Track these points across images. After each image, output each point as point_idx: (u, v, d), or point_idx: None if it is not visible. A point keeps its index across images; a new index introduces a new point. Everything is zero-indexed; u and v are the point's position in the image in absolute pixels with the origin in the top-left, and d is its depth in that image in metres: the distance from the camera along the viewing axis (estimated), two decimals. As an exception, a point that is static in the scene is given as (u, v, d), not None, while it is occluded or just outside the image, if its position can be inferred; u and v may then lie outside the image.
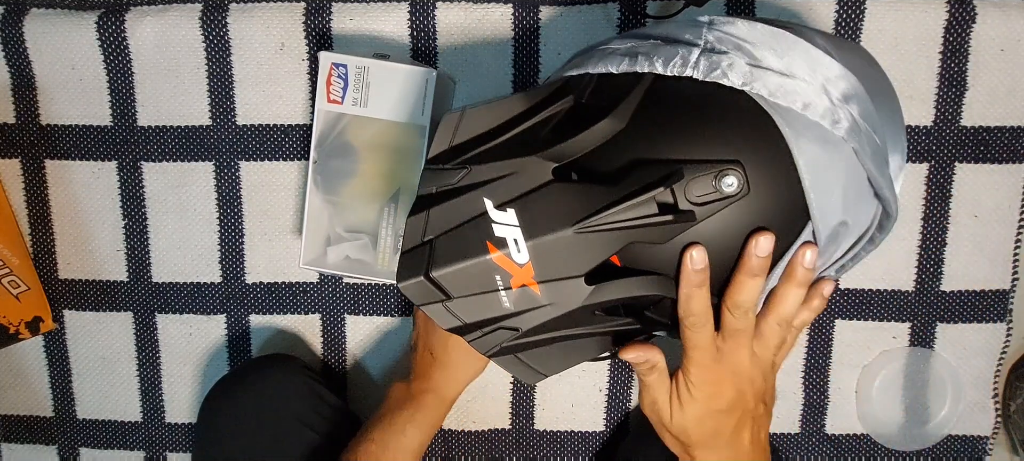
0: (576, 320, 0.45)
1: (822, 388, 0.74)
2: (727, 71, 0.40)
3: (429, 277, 0.44)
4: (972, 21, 0.66)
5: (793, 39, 0.41)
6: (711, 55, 0.41)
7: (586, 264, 0.43)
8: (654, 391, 0.49)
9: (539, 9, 0.68)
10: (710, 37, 0.42)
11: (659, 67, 0.42)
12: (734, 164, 0.40)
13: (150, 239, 0.75)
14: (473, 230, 0.43)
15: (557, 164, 0.43)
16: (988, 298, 0.71)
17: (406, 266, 0.45)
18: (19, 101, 0.73)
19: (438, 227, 0.44)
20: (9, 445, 0.80)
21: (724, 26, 0.42)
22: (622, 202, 0.41)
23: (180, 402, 0.78)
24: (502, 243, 0.43)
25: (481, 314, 0.45)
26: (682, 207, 0.41)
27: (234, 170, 0.73)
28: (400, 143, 0.63)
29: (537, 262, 0.43)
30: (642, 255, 0.43)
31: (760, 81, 0.40)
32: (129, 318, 0.76)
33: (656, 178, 0.41)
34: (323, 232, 0.65)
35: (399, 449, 0.61)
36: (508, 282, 0.44)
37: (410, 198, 0.63)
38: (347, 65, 0.62)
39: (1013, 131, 0.68)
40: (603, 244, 0.42)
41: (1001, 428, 0.75)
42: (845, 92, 0.41)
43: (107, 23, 0.70)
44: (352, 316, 0.75)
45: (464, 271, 0.44)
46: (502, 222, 0.43)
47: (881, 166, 0.43)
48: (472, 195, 0.44)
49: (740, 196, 0.40)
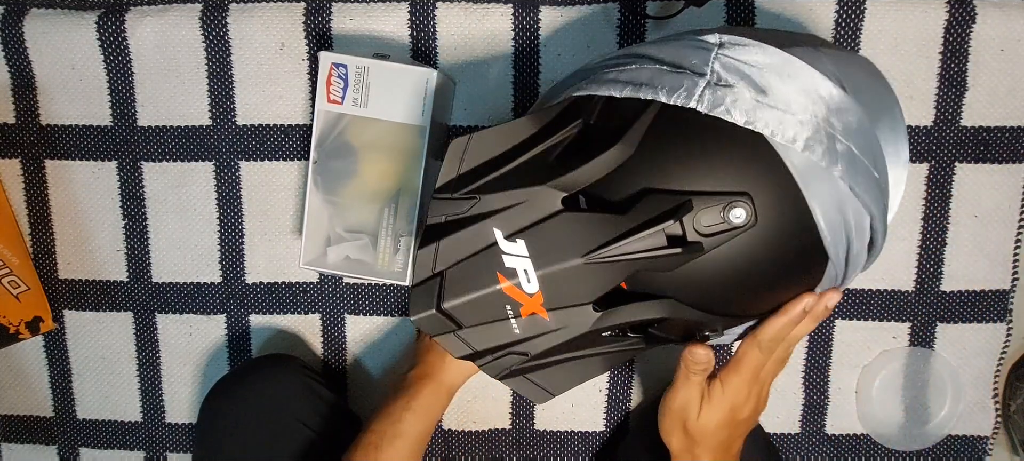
0: (584, 343, 0.46)
1: (822, 388, 0.74)
2: (731, 108, 0.41)
3: (441, 309, 0.44)
4: (972, 21, 0.66)
5: (800, 66, 0.42)
6: (717, 89, 0.41)
7: (594, 292, 0.43)
8: (691, 390, 0.52)
9: (539, 9, 0.68)
10: (717, 66, 0.42)
11: (663, 97, 0.42)
12: (743, 196, 0.40)
13: (150, 239, 0.75)
14: (483, 261, 0.44)
15: (566, 193, 0.43)
16: (988, 298, 0.71)
17: (418, 299, 0.45)
18: (19, 101, 0.73)
19: (449, 258, 0.45)
20: (9, 445, 0.80)
21: (733, 50, 0.42)
22: (632, 234, 0.41)
23: (180, 402, 0.78)
24: (512, 274, 0.43)
25: (491, 342, 0.45)
26: (690, 238, 0.41)
27: (234, 170, 0.73)
28: (400, 144, 0.62)
29: (546, 290, 0.43)
30: (649, 280, 0.43)
31: (763, 121, 0.41)
32: (129, 318, 0.76)
33: (665, 210, 0.41)
34: (323, 232, 0.65)
35: (396, 436, 0.60)
36: (518, 310, 0.44)
37: (410, 198, 0.63)
38: (347, 65, 0.62)
39: (1013, 131, 0.68)
40: (612, 273, 0.42)
41: (1001, 428, 0.75)
42: (846, 126, 0.42)
43: (107, 23, 0.70)
44: (352, 316, 0.75)
45: (475, 302, 0.44)
46: (512, 253, 0.43)
47: (877, 201, 0.43)
48: (481, 225, 0.44)
49: (748, 227, 0.41)
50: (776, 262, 0.43)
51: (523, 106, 0.70)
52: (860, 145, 0.42)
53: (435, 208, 0.46)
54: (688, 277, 0.42)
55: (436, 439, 0.76)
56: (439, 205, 0.46)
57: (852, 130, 0.42)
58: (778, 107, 0.41)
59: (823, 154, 0.41)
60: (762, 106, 0.41)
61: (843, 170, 0.41)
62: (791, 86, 0.41)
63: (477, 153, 0.46)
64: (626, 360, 0.50)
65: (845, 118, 0.42)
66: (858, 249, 0.44)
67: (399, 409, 0.61)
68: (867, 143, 0.43)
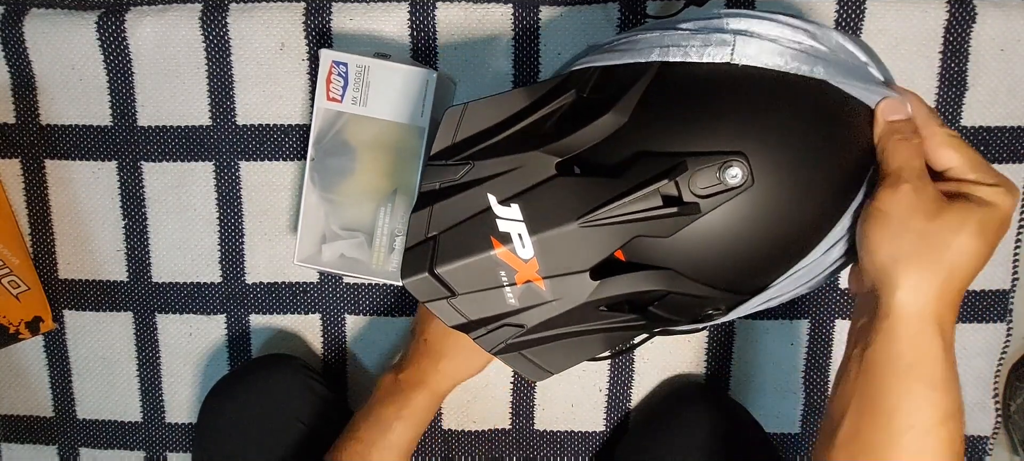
0: (581, 317, 0.45)
1: (822, 388, 0.74)
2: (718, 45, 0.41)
3: (433, 273, 0.44)
4: (972, 21, 0.66)
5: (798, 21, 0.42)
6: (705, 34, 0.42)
7: (591, 258, 0.43)
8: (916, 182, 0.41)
9: (539, 9, 0.68)
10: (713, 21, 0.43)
11: (656, 55, 0.42)
12: (738, 155, 0.40)
13: (150, 239, 0.75)
14: (477, 225, 0.43)
15: (561, 158, 0.43)
16: (988, 298, 0.71)
17: (410, 262, 0.45)
18: (19, 101, 0.73)
19: (442, 223, 0.44)
20: (9, 445, 0.80)
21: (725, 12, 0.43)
22: (626, 195, 0.41)
23: (180, 402, 0.78)
24: (506, 238, 0.43)
25: (486, 311, 0.45)
26: (686, 199, 0.40)
27: (234, 170, 0.73)
28: (398, 143, 0.63)
29: (542, 257, 0.43)
30: (647, 250, 0.43)
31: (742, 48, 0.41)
32: (129, 318, 0.76)
33: (660, 171, 0.40)
34: (319, 229, 0.65)
35: (386, 447, 0.59)
36: (512, 278, 0.44)
37: (407, 198, 0.63)
38: (348, 64, 0.62)
39: (1013, 131, 0.68)
40: (608, 238, 0.42)
41: (1001, 428, 0.75)
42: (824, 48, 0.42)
43: (107, 23, 0.70)
44: (352, 316, 0.75)
45: (468, 267, 0.44)
46: (506, 217, 0.43)
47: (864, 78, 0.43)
48: (476, 190, 0.44)
49: (745, 187, 0.40)
50: (775, 226, 0.42)
51: (523, 106, 0.70)
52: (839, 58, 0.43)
53: (429, 175, 0.46)
54: (687, 246, 0.42)
55: (436, 439, 0.76)
56: (433, 172, 0.45)
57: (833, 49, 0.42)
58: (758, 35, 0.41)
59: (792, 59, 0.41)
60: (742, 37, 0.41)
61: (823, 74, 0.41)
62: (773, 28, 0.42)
63: (472, 122, 0.46)
64: (626, 341, 0.49)
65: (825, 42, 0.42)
66: None
67: (390, 417, 0.60)
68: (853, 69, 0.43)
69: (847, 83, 0.42)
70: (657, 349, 0.73)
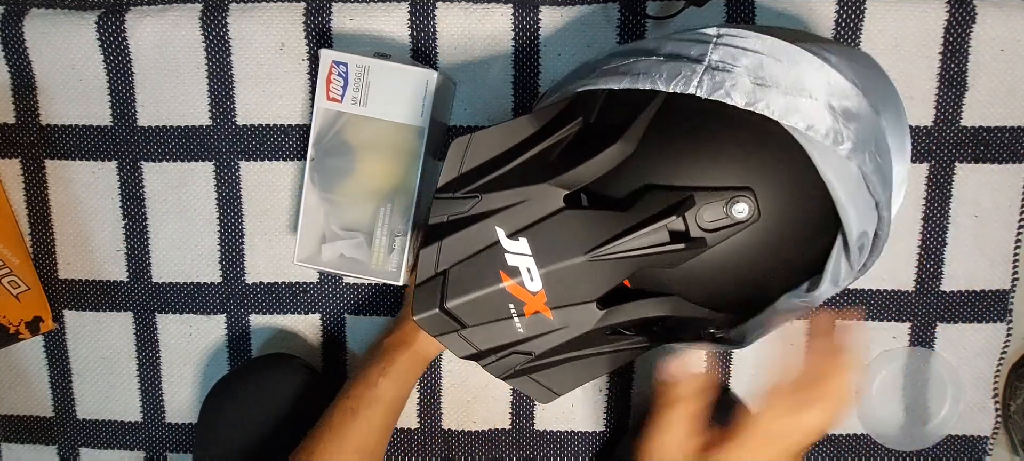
0: (588, 341, 0.45)
1: (822, 388, 0.74)
2: (730, 91, 0.40)
3: (444, 308, 0.44)
4: (972, 21, 0.66)
5: (800, 52, 0.41)
6: (715, 73, 0.41)
7: (598, 289, 0.43)
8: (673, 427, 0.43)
9: (539, 9, 0.68)
10: (715, 56, 0.42)
11: (661, 85, 0.42)
12: (745, 191, 0.40)
13: (150, 239, 0.75)
14: (486, 260, 0.44)
15: (568, 191, 0.43)
16: (988, 298, 0.71)
17: (421, 299, 0.45)
18: (19, 101, 0.73)
19: (451, 258, 0.44)
20: (9, 445, 0.80)
21: (732, 39, 0.42)
22: (634, 230, 0.41)
23: (180, 402, 0.78)
24: (515, 272, 0.43)
25: (495, 341, 0.45)
26: (693, 234, 0.41)
27: (234, 170, 0.73)
28: (398, 143, 0.63)
29: (550, 289, 0.43)
30: (653, 277, 0.43)
31: (764, 102, 0.40)
32: (129, 318, 0.76)
33: (668, 206, 0.41)
34: (318, 229, 0.65)
35: (373, 400, 0.60)
36: (521, 309, 0.44)
37: (407, 198, 0.63)
38: (348, 64, 0.62)
39: (1013, 131, 0.68)
40: (615, 270, 0.42)
41: (1001, 428, 0.75)
42: (849, 109, 0.41)
43: (107, 23, 0.70)
44: (352, 316, 0.75)
45: (478, 301, 0.44)
46: (514, 252, 0.43)
47: (884, 183, 0.43)
48: (484, 224, 0.44)
49: (751, 222, 0.40)
50: (780, 256, 0.43)
51: (523, 106, 0.70)
52: (863, 130, 0.41)
53: (437, 208, 0.46)
54: (692, 273, 0.42)
55: (436, 439, 0.76)
56: (441, 205, 0.46)
57: (854, 114, 0.41)
58: (779, 87, 0.40)
59: (827, 133, 0.40)
60: (763, 88, 0.40)
61: (850, 150, 0.40)
62: (792, 71, 0.41)
63: (478, 152, 0.46)
64: (631, 359, 0.50)
65: (847, 102, 0.41)
66: (868, 234, 0.43)
67: (375, 375, 0.61)
68: (871, 129, 0.42)
69: None
70: (657, 349, 0.73)
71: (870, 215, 0.43)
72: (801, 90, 0.40)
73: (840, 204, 0.41)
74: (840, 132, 0.40)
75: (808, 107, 0.40)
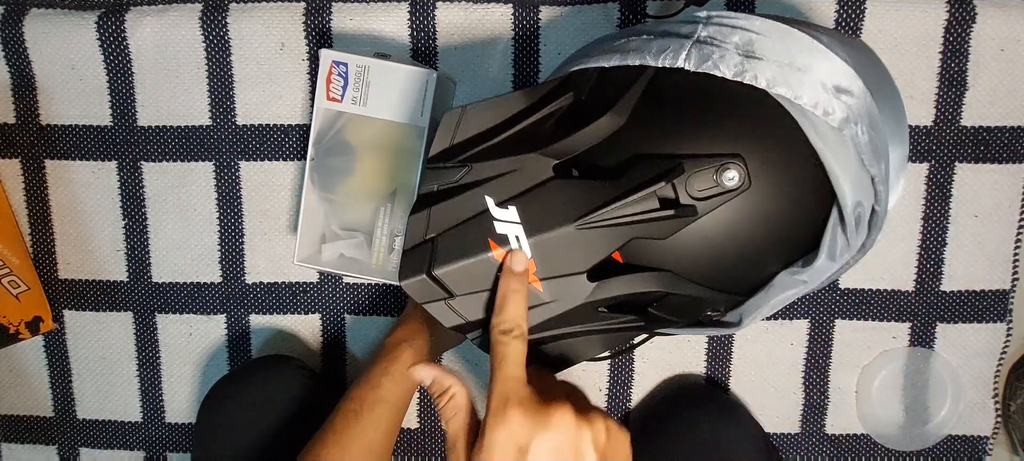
0: (579, 318, 0.45)
1: (822, 388, 0.74)
2: (718, 63, 0.40)
3: (431, 275, 0.44)
4: (972, 21, 0.66)
5: (792, 31, 0.41)
6: (703, 47, 0.41)
7: (588, 260, 0.43)
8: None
9: (539, 9, 0.68)
10: (705, 32, 0.42)
11: (650, 59, 0.42)
12: (735, 158, 0.40)
13: (150, 239, 0.75)
14: (475, 228, 0.44)
15: (558, 161, 0.43)
16: (988, 298, 0.71)
17: (408, 264, 0.45)
18: (19, 101, 0.73)
19: (440, 225, 0.44)
20: (9, 445, 0.80)
21: (723, 18, 0.42)
22: (623, 197, 0.41)
23: (180, 402, 0.78)
24: (504, 240, 0.43)
25: (483, 312, 0.45)
26: (684, 202, 0.40)
27: (234, 170, 0.73)
28: (398, 143, 0.63)
29: (539, 258, 0.43)
30: (644, 251, 0.43)
31: (752, 71, 0.40)
32: (129, 318, 0.76)
33: (657, 173, 0.40)
34: (318, 229, 0.65)
35: (376, 402, 0.59)
36: None
37: (407, 198, 0.63)
38: (348, 63, 0.62)
39: (1013, 131, 0.68)
40: (605, 240, 0.42)
41: (1001, 428, 0.75)
42: (840, 85, 0.41)
43: (107, 23, 0.70)
44: (352, 316, 0.75)
45: (466, 269, 0.44)
46: (504, 220, 0.43)
47: (878, 156, 0.42)
48: (473, 193, 0.44)
49: (742, 190, 0.40)
50: (773, 228, 0.42)
51: (523, 106, 0.70)
52: (856, 105, 0.41)
53: (427, 177, 0.46)
54: (684, 247, 0.42)
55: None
56: (431, 174, 0.46)
57: (845, 90, 0.41)
58: (767, 60, 0.40)
59: (816, 104, 0.40)
60: (752, 60, 0.40)
61: (841, 120, 0.40)
62: (783, 47, 0.41)
63: (470, 125, 0.46)
64: (625, 341, 0.49)
65: (840, 80, 0.41)
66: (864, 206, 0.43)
67: (378, 375, 0.60)
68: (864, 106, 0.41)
69: None
70: (657, 349, 0.73)
71: (866, 187, 0.42)
72: (791, 65, 0.40)
73: (833, 173, 0.40)
74: (830, 104, 0.40)
75: (797, 79, 0.40)
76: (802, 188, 0.41)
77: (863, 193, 0.42)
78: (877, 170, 0.42)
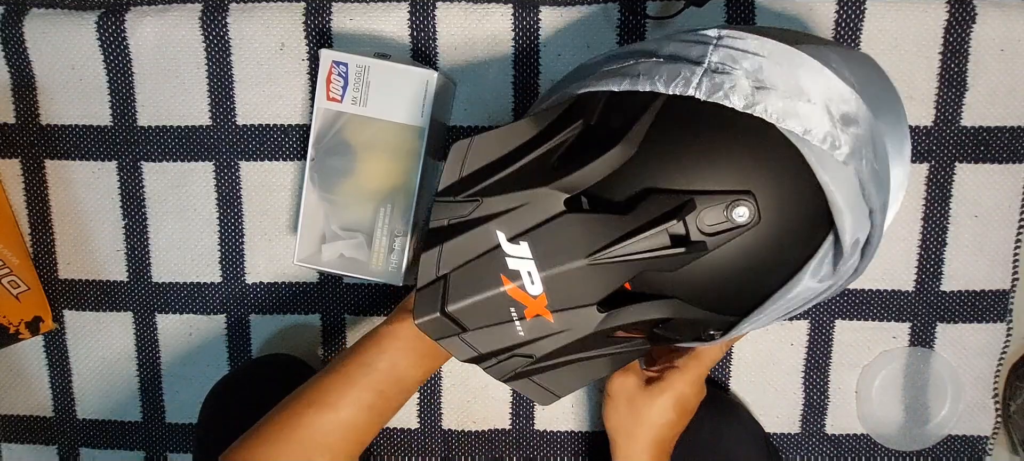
0: (589, 344, 0.46)
1: (822, 388, 0.74)
2: (729, 93, 0.40)
3: (445, 312, 0.44)
4: (972, 21, 0.66)
5: (800, 56, 0.41)
6: (714, 75, 0.41)
7: (598, 293, 0.43)
8: (629, 374, 0.57)
9: (539, 9, 0.68)
10: (715, 58, 0.42)
11: (661, 86, 0.42)
12: (746, 195, 0.40)
13: (150, 239, 0.75)
14: (487, 264, 0.44)
15: (568, 195, 0.43)
16: (988, 298, 0.71)
17: (422, 302, 0.45)
18: (19, 101, 0.73)
19: (452, 262, 0.45)
20: (9, 445, 0.80)
21: (733, 41, 0.42)
22: (635, 234, 0.41)
23: (180, 402, 0.78)
24: (516, 275, 0.43)
25: (496, 344, 0.46)
26: (694, 238, 0.41)
27: (234, 170, 0.73)
28: (398, 144, 0.63)
29: (551, 293, 0.43)
30: (652, 280, 0.43)
31: (763, 104, 0.40)
32: (129, 318, 0.76)
33: (668, 210, 0.41)
34: (318, 229, 0.65)
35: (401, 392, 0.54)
36: (522, 312, 0.44)
37: (406, 198, 0.63)
38: (348, 64, 0.62)
39: (1013, 131, 0.68)
40: (615, 274, 0.43)
41: (1001, 428, 0.75)
42: (847, 114, 0.41)
43: (107, 23, 0.70)
44: (352, 316, 0.75)
45: (479, 305, 0.44)
46: (515, 255, 0.43)
47: (880, 188, 0.43)
48: (484, 228, 0.44)
49: (751, 225, 0.41)
50: (778, 257, 0.43)
51: (523, 106, 0.70)
52: (861, 135, 0.42)
53: (437, 212, 0.46)
54: (692, 277, 0.43)
55: (436, 439, 0.76)
56: (441, 208, 0.46)
57: (851, 119, 0.41)
58: (777, 90, 0.40)
59: (824, 138, 0.40)
60: (762, 91, 0.40)
61: (847, 155, 0.41)
62: (792, 74, 0.41)
63: (479, 156, 0.46)
64: (632, 360, 0.50)
65: (846, 107, 0.41)
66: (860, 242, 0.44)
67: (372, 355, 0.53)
68: (868, 133, 0.42)
69: None
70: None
71: (864, 222, 0.43)
72: (800, 94, 0.40)
73: (836, 207, 0.41)
74: (837, 137, 0.40)
75: (806, 111, 0.40)
76: (807, 220, 0.42)
77: (861, 228, 0.43)
78: (876, 203, 0.43)
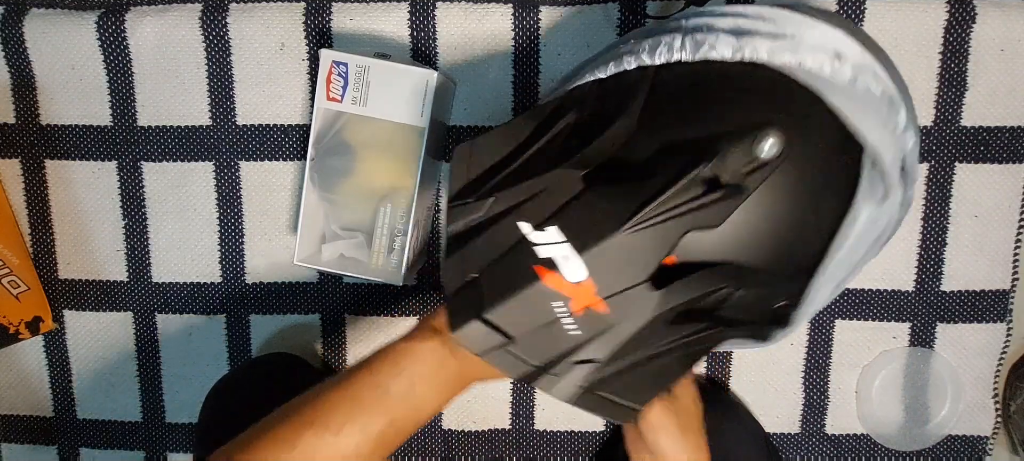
0: (652, 336, 0.42)
1: (822, 388, 0.74)
2: (714, 45, 0.39)
3: (484, 319, 0.41)
4: (972, 21, 0.66)
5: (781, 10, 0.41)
6: (694, 34, 0.40)
7: (647, 266, 0.40)
8: None
9: (539, 9, 0.68)
10: (691, 23, 0.41)
11: (646, 59, 0.41)
12: (767, 126, 0.37)
13: (150, 239, 0.75)
14: (515, 258, 0.41)
15: (586, 170, 0.41)
16: (988, 298, 0.71)
17: (457, 311, 0.41)
18: (19, 101, 0.73)
19: (477, 264, 0.42)
20: (9, 445, 0.80)
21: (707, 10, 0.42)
22: (666, 189, 0.38)
23: (180, 402, 0.78)
24: (550, 263, 0.40)
25: (549, 351, 0.42)
26: (727, 181, 0.38)
27: (234, 170, 0.73)
28: (398, 144, 0.63)
29: (597, 275, 0.40)
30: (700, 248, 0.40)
31: (750, 47, 0.39)
32: (129, 318, 0.76)
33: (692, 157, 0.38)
34: (318, 229, 0.65)
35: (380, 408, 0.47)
36: (568, 306, 0.41)
37: (406, 198, 0.63)
38: (348, 64, 0.62)
39: (1013, 131, 0.68)
40: (658, 239, 0.39)
41: (1001, 428, 0.75)
42: (839, 50, 0.40)
43: (107, 23, 0.70)
44: (352, 316, 0.75)
45: (517, 304, 0.41)
46: (545, 242, 0.40)
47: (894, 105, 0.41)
48: (505, 222, 0.41)
49: (782, 157, 0.38)
50: (823, 192, 0.40)
51: (523, 106, 0.70)
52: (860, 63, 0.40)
53: (453, 217, 0.43)
54: (738, 232, 0.39)
55: (436, 439, 0.76)
56: (456, 213, 0.43)
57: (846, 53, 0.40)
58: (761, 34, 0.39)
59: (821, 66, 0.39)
60: (746, 36, 0.39)
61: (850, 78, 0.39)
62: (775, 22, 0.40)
63: (484, 156, 0.44)
64: (704, 354, 0.45)
65: (838, 45, 0.40)
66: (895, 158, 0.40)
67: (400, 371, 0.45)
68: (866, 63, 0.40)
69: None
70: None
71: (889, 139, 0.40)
72: (785, 36, 0.39)
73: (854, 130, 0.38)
74: (833, 63, 0.39)
75: (794, 46, 0.39)
76: (836, 145, 0.39)
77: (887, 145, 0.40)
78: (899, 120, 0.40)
